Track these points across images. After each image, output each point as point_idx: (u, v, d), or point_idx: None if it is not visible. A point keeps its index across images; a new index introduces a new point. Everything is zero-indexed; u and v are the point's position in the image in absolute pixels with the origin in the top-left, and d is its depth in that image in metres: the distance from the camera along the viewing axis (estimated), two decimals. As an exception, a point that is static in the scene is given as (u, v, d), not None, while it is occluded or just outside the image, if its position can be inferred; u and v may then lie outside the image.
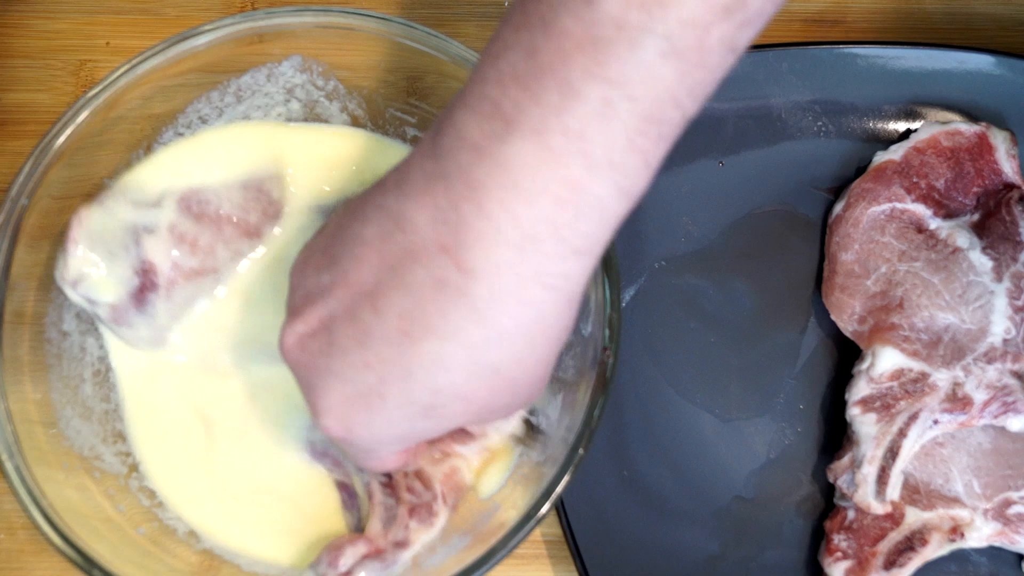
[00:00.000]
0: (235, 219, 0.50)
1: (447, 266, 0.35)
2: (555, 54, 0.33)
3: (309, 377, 0.40)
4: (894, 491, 0.53)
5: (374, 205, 0.38)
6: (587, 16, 0.32)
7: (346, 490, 0.50)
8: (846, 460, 0.54)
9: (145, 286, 0.48)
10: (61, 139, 0.47)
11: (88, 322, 0.51)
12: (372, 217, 0.38)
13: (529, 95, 0.33)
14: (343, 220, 0.40)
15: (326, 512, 0.51)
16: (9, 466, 0.44)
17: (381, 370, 0.37)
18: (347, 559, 0.46)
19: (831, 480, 0.54)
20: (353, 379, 0.38)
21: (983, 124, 0.58)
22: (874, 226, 0.57)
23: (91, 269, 0.48)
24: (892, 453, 0.53)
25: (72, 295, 0.48)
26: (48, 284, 0.49)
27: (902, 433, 0.53)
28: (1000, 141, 0.58)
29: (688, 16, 0.32)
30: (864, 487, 0.53)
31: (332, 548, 0.47)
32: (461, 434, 0.49)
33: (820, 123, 0.60)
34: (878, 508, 0.53)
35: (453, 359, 0.36)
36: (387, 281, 0.37)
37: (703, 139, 0.59)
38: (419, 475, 0.49)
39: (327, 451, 0.50)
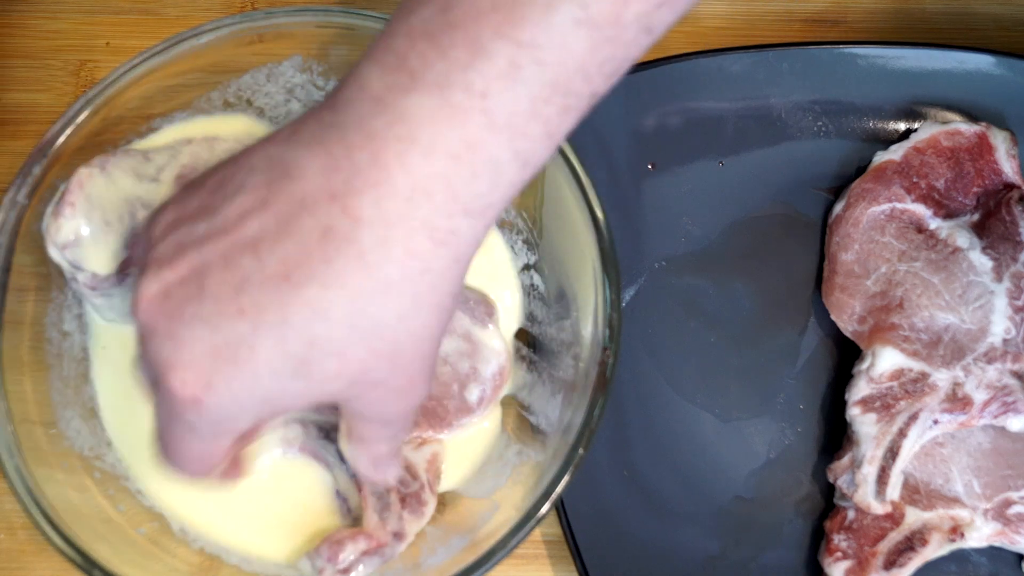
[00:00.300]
0: None
1: (336, 214, 0.34)
2: (468, 11, 0.33)
3: (171, 328, 0.36)
4: (894, 491, 0.53)
5: (263, 155, 0.37)
6: None
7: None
8: (846, 460, 0.54)
9: (132, 260, 0.47)
10: (61, 139, 0.47)
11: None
12: (259, 166, 0.36)
13: (437, 50, 0.33)
14: (225, 171, 0.38)
15: (321, 507, 0.51)
16: (9, 466, 0.44)
17: (255, 317, 0.35)
18: (347, 554, 0.46)
19: (831, 480, 0.54)
20: (223, 327, 0.35)
21: (983, 124, 0.58)
22: (874, 226, 0.57)
23: (84, 235, 0.46)
24: (892, 453, 0.53)
25: (55, 254, 0.47)
26: (48, 284, 0.49)
27: (902, 433, 0.53)
28: (1000, 141, 0.58)
29: None
30: (864, 487, 0.53)
31: (332, 542, 0.47)
32: (435, 419, 0.49)
33: (820, 123, 0.60)
34: (878, 508, 0.53)
35: (334, 307, 0.34)
36: (271, 228, 0.35)
37: (703, 139, 0.59)
38: (406, 464, 0.48)
39: (305, 446, 0.50)
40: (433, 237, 0.34)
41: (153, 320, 0.37)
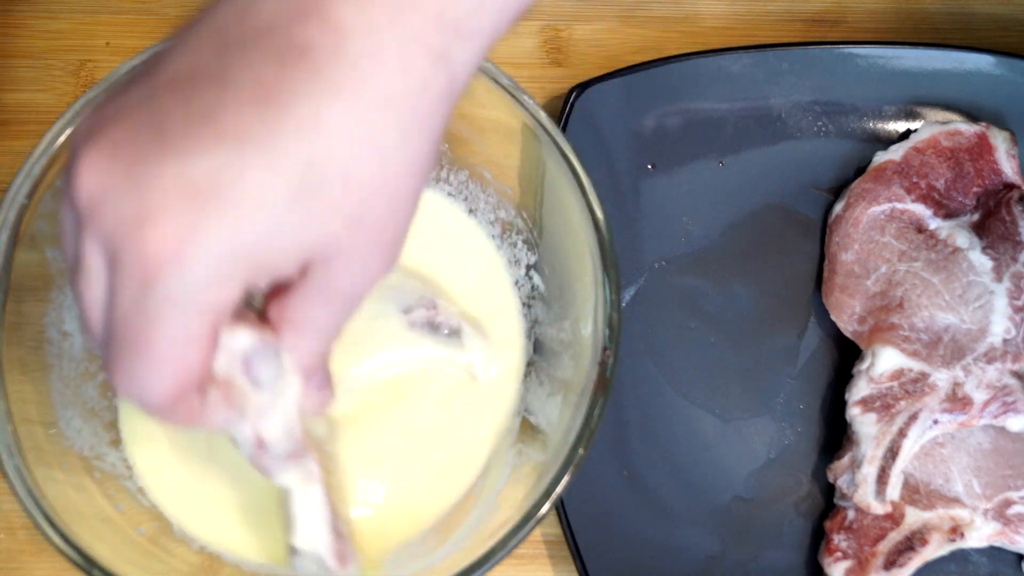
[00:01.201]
0: None
1: (313, 29, 0.30)
2: None
3: (130, 177, 0.30)
4: (894, 491, 0.53)
5: (200, 20, 0.32)
6: None
7: None
8: (846, 460, 0.54)
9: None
10: (61, 139, 0.47)
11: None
12: (219, 9, 0.31)
13: None
14: (175, 35, 0.32)
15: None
16: (9, 466, 0.44)
17: (238, 139, 0.29)
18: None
19: (831, 480, 0.54)
20: (199, 157, 0.29)
21: (983, 124, 0.58)
22: (874, 226, 0.57)
23: None
24: (892, 453, 0.53)
25: None
26: (48, 284, 0.49)
27: (902, 433, 0.53)
28: (1000, 141, 0.58)
29: None
30: (864, 487, 0.53)
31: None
32: None
33: (820, 123, 0.60)
34: (878, 508, 0.53)
35: (331, 120, 0.30)
36: (235, 57, 0.30)
37: (703, 139, 0.59)
38: None
39: None
40: (429, 52, 0.31)
41: (102, 181, 0.30)
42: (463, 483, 0.51)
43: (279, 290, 0.34)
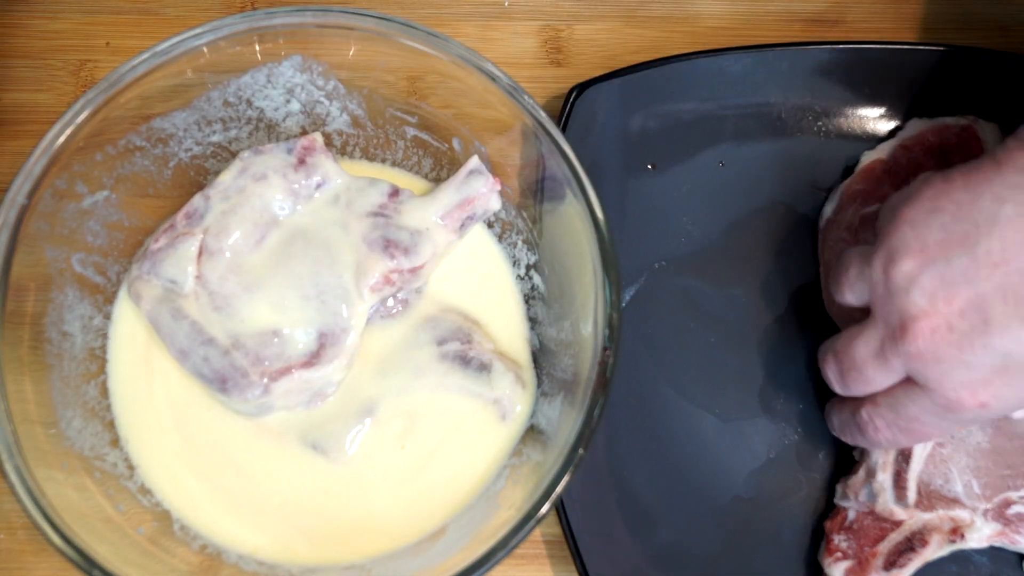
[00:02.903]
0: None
1: None
2: None
3: (961, 356, 0.43)
4: (912, 494, 0.53)
5: (1005, 184, 0.42)
6: None
7: None
8: (861, 474, 0.54)
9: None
10: (61, 139, 0.47)
11: (88, 322, 0.51)
12: (1008, 196, 0.41)
13: None
14: (960, 192, 0.43)
15: (323, 509, 0.51)
16: (9, 466, 0.44)
17: None
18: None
19: (848, 496, 0.54)
20: (1013, 350, 0.42)
21: (970, 117, 0.58)
22: (867, 227, 0.57)
23: None
24: (904, 457, 0.53)
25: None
26: (48, 284, 0.49)
27: None
28: (987, 133, 0.58)
29: None
30: (883, 495, 0.53)
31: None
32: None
33: (820, 123, 0.60)
34: (901, 514, 0.53)
35: None
36: None
37: (703, 139, 0.59)
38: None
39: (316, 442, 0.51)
40: None
41: (939, 349, 0.44)
42: (466, 496, 0.52)
43: None
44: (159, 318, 0.50)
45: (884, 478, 0.53)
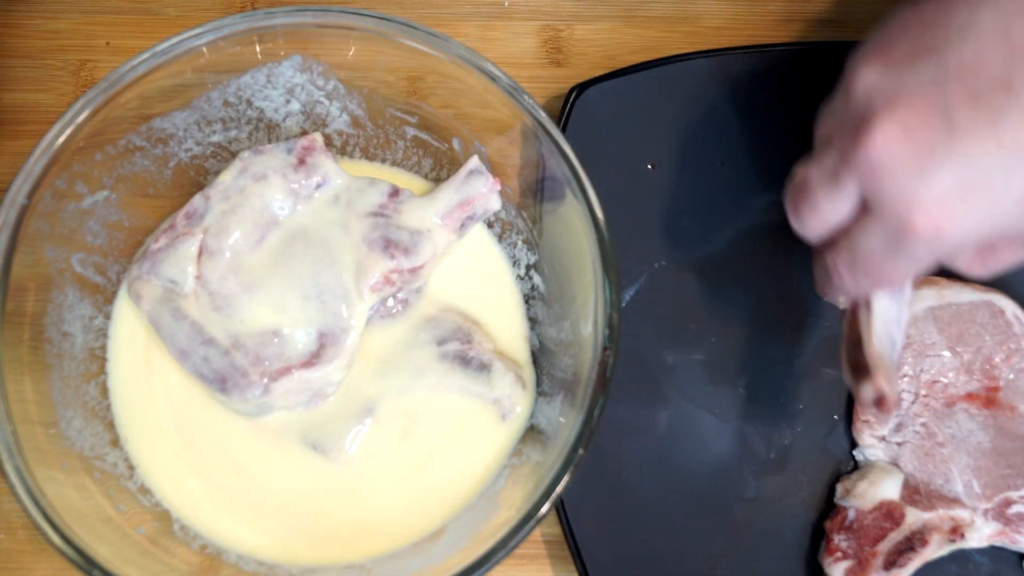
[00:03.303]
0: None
1: None
2: None
3: (918, 163, 0.37)
4: (893, 368, 0.48)
5: None
6: None
7: None
8: (854, 475, 0.54)
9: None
10: (61, 139, 0.47)
11: (88, 322, 0.51)
12: (985, 2, 0.37)
13: None
14: (925, 15, 0.39)
15: (323, 509, 0.51)
16: (9, 466, 0.44)
17: (1016, 152, 0.35)
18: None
19: (858, 438, 0.53)
20: (978, 161, 0.36)
21: None
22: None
23: None
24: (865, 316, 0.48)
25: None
26: (48, 284, 0.49)
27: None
28: None
29: None
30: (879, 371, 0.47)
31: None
32: None
33: (820, 123, 0.60)
34: (892, 392, 0.46)
35: None
36: (1020, 67, 0.35)
37: (703, 139, 0.59)
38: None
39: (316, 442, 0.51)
40: None
41: (893, 156, 0.38)
42: (466, 496, 0.52)
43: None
44: (159, 318, 0.50)
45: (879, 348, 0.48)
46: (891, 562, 0.53)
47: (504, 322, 0.55)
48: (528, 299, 0.55)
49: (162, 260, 0.50)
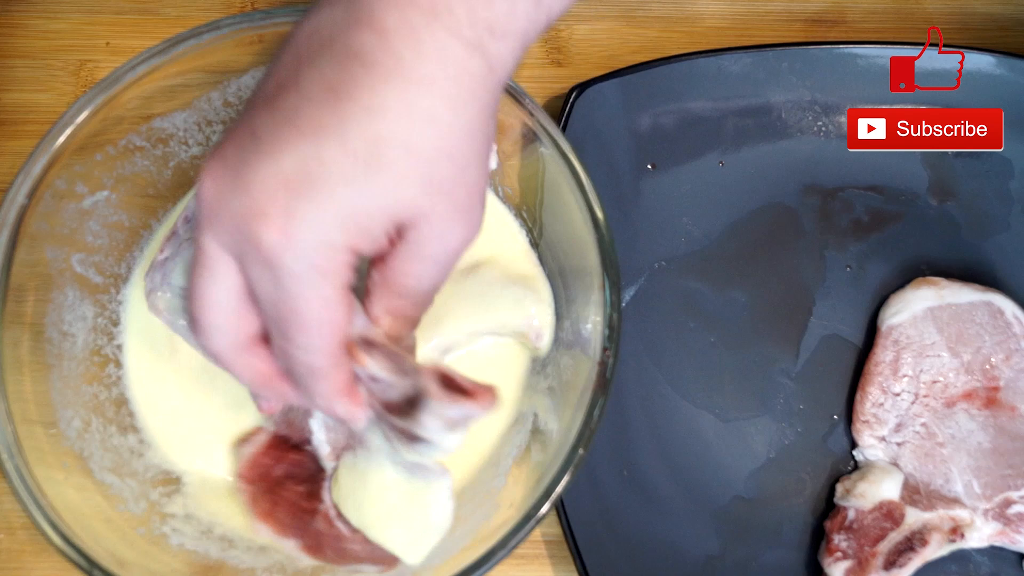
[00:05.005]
0: None
1: (363, 34, 0.36)
2: None
3: (237, 180, 0.36)
4: None
5: (283, 49, 0.39)
6: None
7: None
8: (854, 476, 0.54)
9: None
10: (61, 139, 0.47)
11: (89, 322, 0.51)
12: (295, 33, 0.39)
13: None
14: (270, 60, 0.40)
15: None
16: (9, 466, 0.44)
17: (315, 131, 0.35)
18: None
19: (838, 494, 0.54)
20: (286, 154, 0.35)
21: None
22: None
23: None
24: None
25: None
26: (48, 284, 0.49)
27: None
28: None
29: None
30: None
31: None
32: None
33: (820, 123, 0.60)
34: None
35: (388, 103, 0.36)
36: (305, 68, 0.37)
37: (703, 139, 0.59)
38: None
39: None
40: (464, 44, 0.36)
41: (218, 185, 0.37)
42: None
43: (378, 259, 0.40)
44: (180, 328, 0.50)
45: None
46: (891, 562, 0.53)
47: (512, 254, 0.54)
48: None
49: (170, 270, 0.50)
